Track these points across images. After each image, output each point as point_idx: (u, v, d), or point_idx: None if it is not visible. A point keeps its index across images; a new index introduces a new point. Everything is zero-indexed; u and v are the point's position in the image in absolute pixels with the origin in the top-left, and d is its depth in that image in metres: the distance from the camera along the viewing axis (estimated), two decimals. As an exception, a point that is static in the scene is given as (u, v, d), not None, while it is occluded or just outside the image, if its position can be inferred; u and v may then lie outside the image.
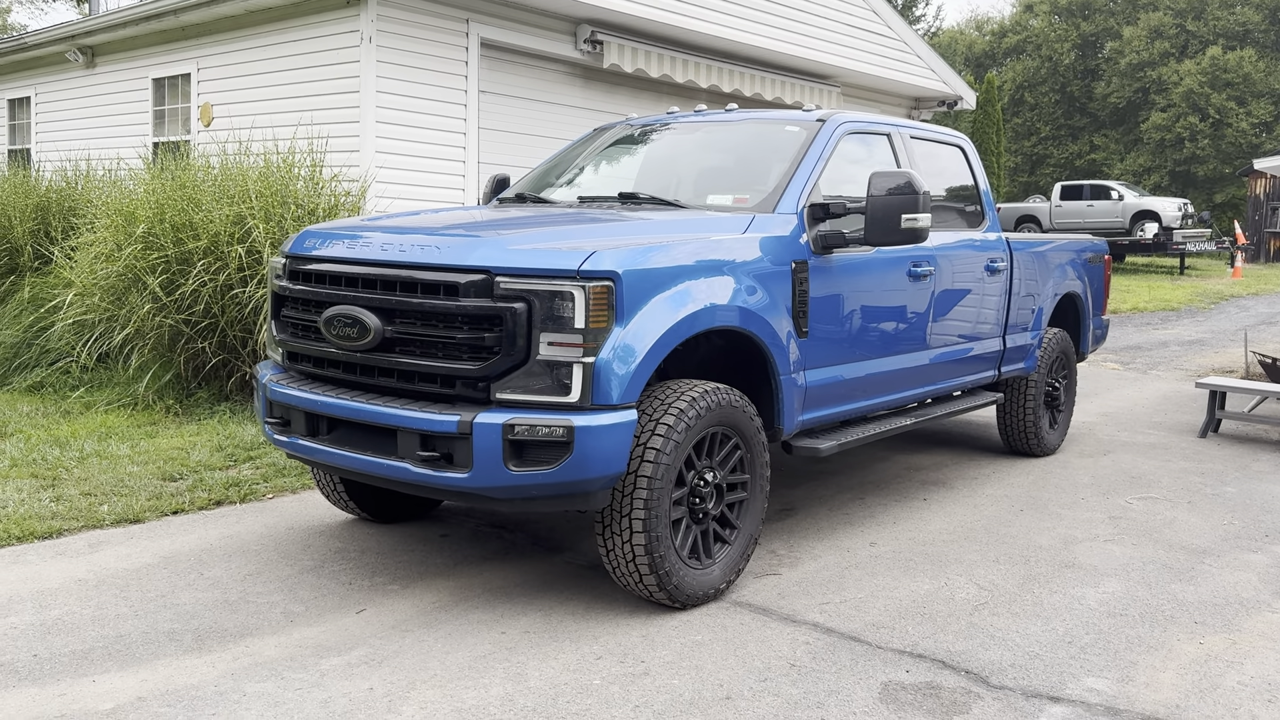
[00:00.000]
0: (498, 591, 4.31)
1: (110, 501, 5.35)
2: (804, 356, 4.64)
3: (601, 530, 3.99)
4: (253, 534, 4.99)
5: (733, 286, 4.22)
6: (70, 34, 11.82)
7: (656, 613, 4.11)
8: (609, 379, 3.72)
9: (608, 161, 5.70)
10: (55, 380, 8.39)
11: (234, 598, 4.19)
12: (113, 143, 11.45)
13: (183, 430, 6.99)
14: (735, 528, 4.32)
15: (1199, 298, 20.29)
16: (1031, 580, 4.62)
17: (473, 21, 9.35)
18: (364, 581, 4.39)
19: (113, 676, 3.48)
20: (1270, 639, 4.05)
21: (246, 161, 7.74)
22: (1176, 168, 42.73)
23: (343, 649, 3.72)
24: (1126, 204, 28.22)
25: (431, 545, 4.88)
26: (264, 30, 9.70)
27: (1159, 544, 5.20)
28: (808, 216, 4.71)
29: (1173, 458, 7.16)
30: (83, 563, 4.55)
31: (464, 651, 3.71)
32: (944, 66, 14.16)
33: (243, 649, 3.71)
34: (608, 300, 3.74)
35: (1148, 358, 12.55)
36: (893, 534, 5.24)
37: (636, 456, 3.86)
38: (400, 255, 3.97)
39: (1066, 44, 47.11)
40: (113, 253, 7.60)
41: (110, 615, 3.98)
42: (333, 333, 4.04)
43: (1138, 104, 44.96)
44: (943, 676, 3.62)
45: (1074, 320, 7.52)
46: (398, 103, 8.94)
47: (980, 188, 6.29)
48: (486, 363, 3.74)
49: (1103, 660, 3.80)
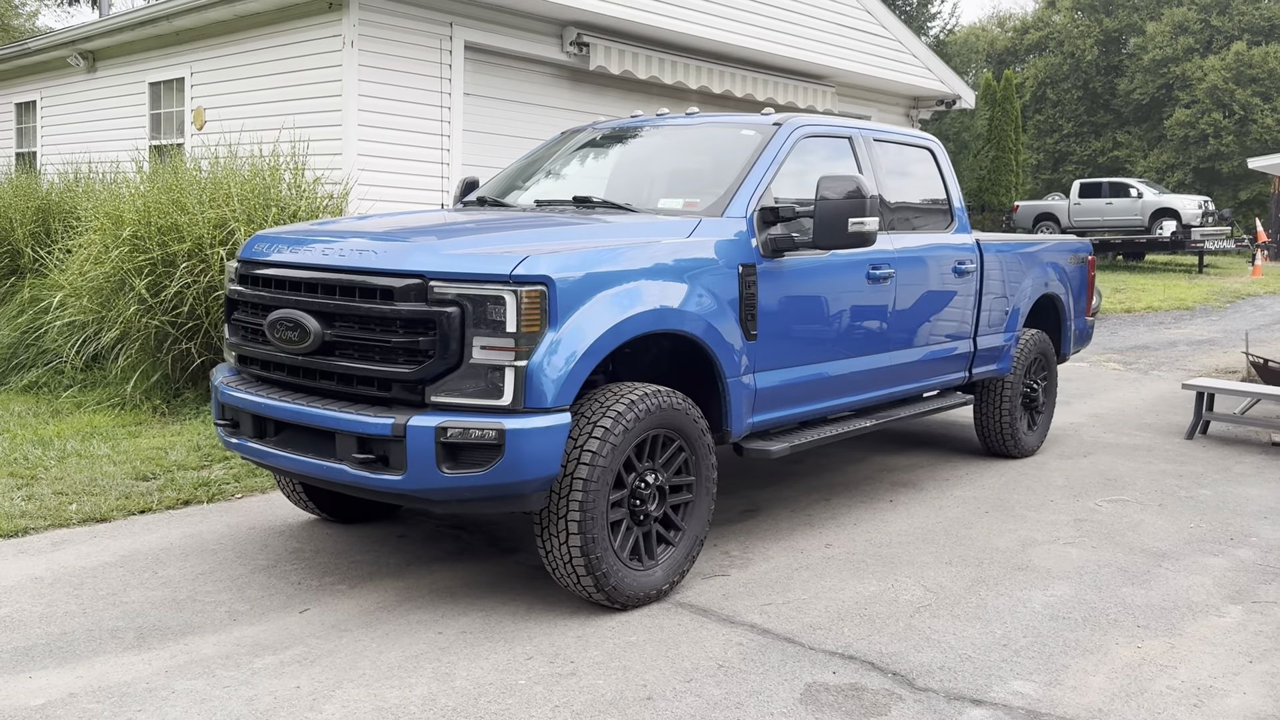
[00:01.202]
0: (443, 592, 4.36)
1: (80, 501, 5.44)
2: (753, 359, 4.66)
3: (540, 532, 4.03)
4: (214, 534, 5.07)
5: (674, 290, 4.25)
6: (72, 39, 12.01)
7: (596, 613, 4.14)
8: (541, 382, 3.76)
9: (571, 165, 5.73)
10: (49, 380, 8.53)
11: (183, 596, 4.26)
12: (113, 145, 11.62)
13: (166, 430, 7.10)
14: (679, 529, 4.35)
15: (1215, 296, 20.07)
16: (980, 583, 4.61)
17: (456, 25, 9.40)
18: (313, 581, 4.46)
19: (50, 673, 3.55)
20: (1210, 643, 4.03)
21: (234, 164, 7.84)
22: (1201, 165, 42.22)
23: (279, 648, 3.78)
24: (1146, 202, 27.93)
25: (387, 546, 4.94)
26: (252, 35, 9.82)
27: (1119, 547, 5.18)
28: (758, 220, 4.72)
29: (1154, 460, 7.11)
30: (43, 561, 4.64)
31: (397, 651, 3.76)
32: (942, 66, 14.07)
33: (181, 647, 3.77)
34: (540, 304, 3.78)
35: (1152, 357, 12.44)
36: (850, 535, 5.25)
37: (573, 459, 3.90)
38: (340, 260, 4.03)
39: (1089, 40, 46.63)
40: (100, 255, 7.73)
41: (59, 613, 4.06)
42: (276, 336, 4.10)
43: (1161, 100, 44.45)
44: (868, 678, 3.64)
45: (1054, 321, 7.48)
46: (380, 105, 9.01)
47: (949, 189, 6.28)
48: (421, 366, 3.79)
49: (1034, 664, 3.79)
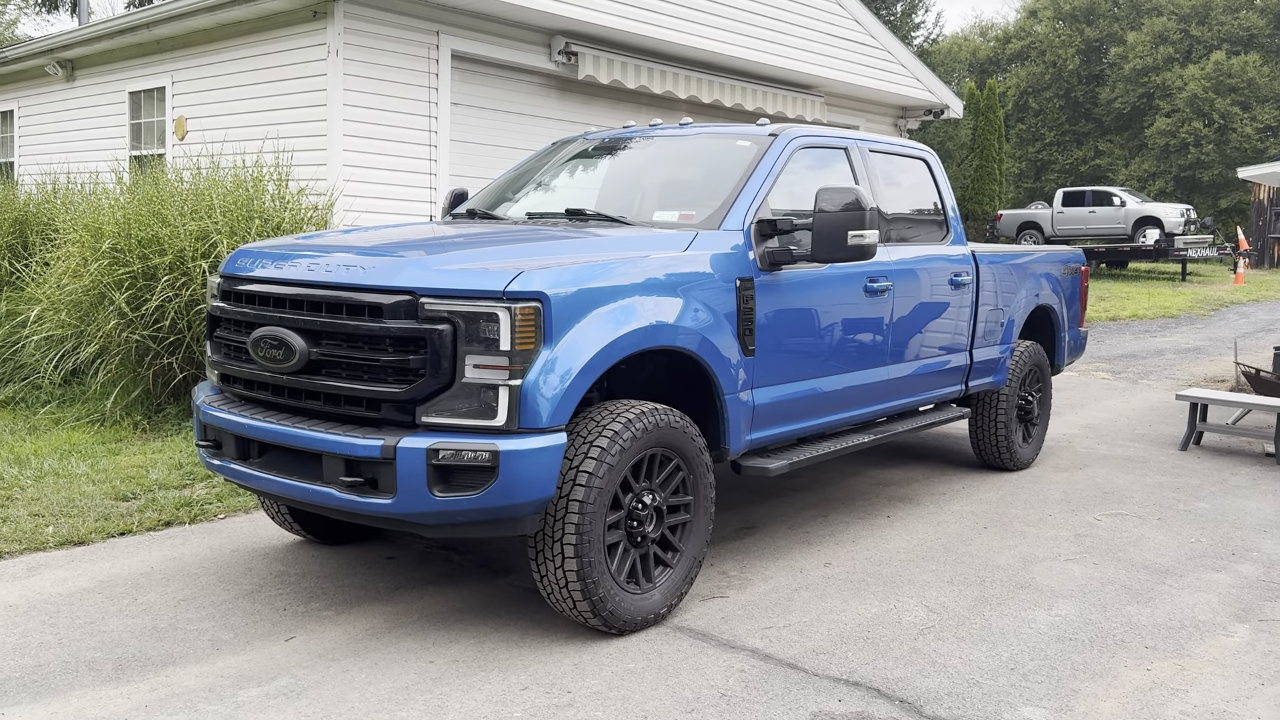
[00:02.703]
0: (433, 618, 4.22)
1: (57, 523, 5.28)
2: (751, 375, 4.55)
3: (535, 555, 3.91)
4: (196, 556, 4.92)
5: (670, 305, 4.14)
6: (49, 48, 11.82)
7: (593, 639, 4.02)
8: (537, 402, 3.65)
9: (563, 176, 5.62)
10: (26, 396, 8.35)
11: (164, 624, 4.11)
12: (92, 155, 11.43)
13: (147, 447, 6.93)
14: (678, 550, 4.23)
15: (1199, 304, 20.13)
16: (983, 602, 4.52)
17: (443, 34, 9.28)
18: (299, 607, 4.32)
19: (23, 709, 3.40)
20: (1221, 665, 3.94)
21: (217, 175, 7.69)
22: (1181, 173, 42.49)
23: (264, 679, 3.64)
24: (1129, 210, 28.04)
25: (375, 569, 4.80)
26: (234, 44, 9.67)
27: (1121, 563, 5.09)
28: (755, 233, 4.62)
29: (1150, 472, 7.04)
30: (17, 587, 4.48)
31: (387, 682, 3.63)
32: (930, 76, 14.05)
33: (162, 679, 3.63)
34: (535, 322, 3.66)
35: (1140, 366, 12.41)
36: (849, 553, 5.15)
37: (568, 480, 3.78)
38: (326, 276, 3.90)
39: (1070, 49, 46.90)
40: (79, 268, 7.56)
41: (34, 643, 3.91)
42: (260, 354, 3.97)
43: (1142, 109, 44.74)
44: (874, 706, 3.53)
45: (1049, 333, 7.42)
46: (365, 115, 8.87)
47: (945, 201, 6.20)
48: (412, 385, 3.66)
49: (1044, 688, 3.69)
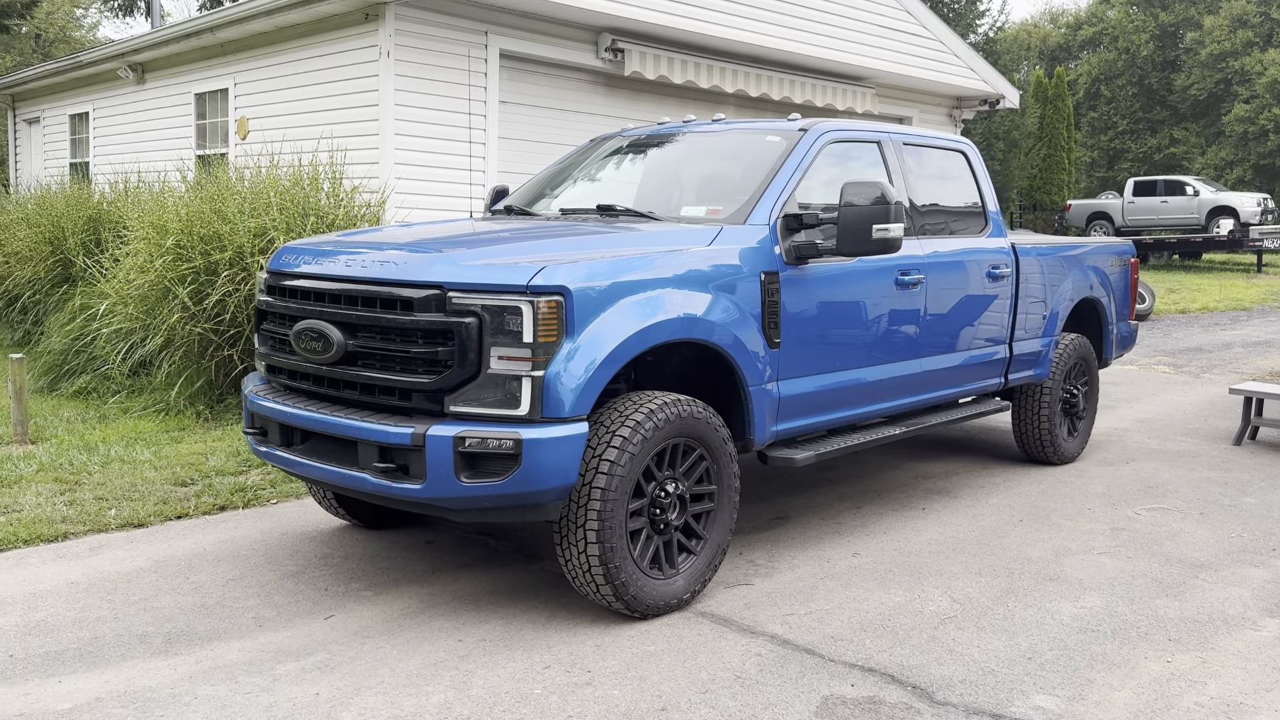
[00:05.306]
0: (466, 599, 4.39)
1: (119, 506, 5.56)
2: (776, 367, 4.63)
3: (559, 540, 4.05)
4: (247, 539, 5.16)
5: (694, 298, 4.24)
6: (121, 51, 12.29)
7: (616, 622, 4.15)
8: (559, 392, 3.78)
9: (598, 173, 5.75)
10: (98, 386, 8.74)
11: (212, 602, 4.34)
12: (160, 155, 11.88)
13: (208, 435, 7.23)
14: (701, 538, 4.34)
15: (1274, 297, 19.60)
16: (1009, 593, 4.54)
17: (491, 33, 9.46)
18: (340, 587, 4.51)
19: (79, 677, 3.64)
20: (1243, 658, 3.93)
21: (274, 174, 7.97)
22: (1261, 161, 41.17)
23: (302, 654, 3.83)
24: (1202, 199, 27.32)
25: (415, 552, 4.99)
26: (292, 46, 9.97)
27: (1156, 557, 5.07)
28: (781, 227, 4.70)
29: (1198, 466, 6.95)
30: (79, 566, 4.75)
31: (417, 659, 3.80)
32: (985, 66, 13.88)
33: (207, 652, 3.84)
34: (557, 315, 3.79)
35: (1205, 360, 12.16)
36: (879, 544, 5.20)
37: (591, 468, 3.91)
38: (362, 271, 4.09)
39: (1144, 35, 45.69)
40: (145, 264, 7.90)
41: (91, 618, 4.15)
42: (301, 346, 4.17)
43: (1219, 96, 43.42)
44: (887, 691, 3.60)
45: (1096, 325, 7.35)
46: (416, 115, 9.09)
47: (984, 193, 6.19)
48: (441, 376, 3.82)
49: (1059, 677, 3.73)
